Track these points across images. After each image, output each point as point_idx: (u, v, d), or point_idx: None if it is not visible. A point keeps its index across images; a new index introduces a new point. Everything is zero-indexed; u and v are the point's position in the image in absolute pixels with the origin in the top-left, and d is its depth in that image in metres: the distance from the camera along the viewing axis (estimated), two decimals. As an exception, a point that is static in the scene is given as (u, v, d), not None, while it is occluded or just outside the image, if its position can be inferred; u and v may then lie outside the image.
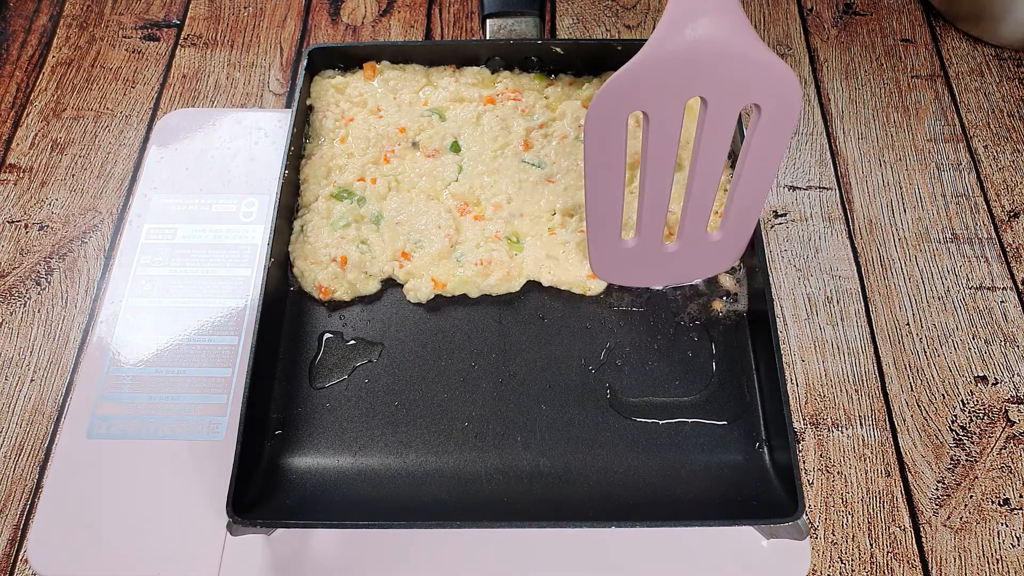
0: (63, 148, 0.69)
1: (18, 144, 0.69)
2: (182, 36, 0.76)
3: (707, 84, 0.41)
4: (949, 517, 0.53)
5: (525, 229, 0.57)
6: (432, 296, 0.55)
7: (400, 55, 0.63)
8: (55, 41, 0.75)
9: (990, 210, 0.65)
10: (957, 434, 0.56)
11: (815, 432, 0.56)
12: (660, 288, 0.55)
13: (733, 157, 0.56)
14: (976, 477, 0.54)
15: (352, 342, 0.54)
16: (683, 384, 0.52)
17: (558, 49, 0.63)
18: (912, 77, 0.73)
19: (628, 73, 0.40)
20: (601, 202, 0.48)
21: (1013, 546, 0.52)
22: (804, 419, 0.56)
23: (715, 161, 0.45)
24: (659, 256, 0.52)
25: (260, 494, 0.48)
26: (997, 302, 0.61)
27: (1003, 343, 0.59)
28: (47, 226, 0.65)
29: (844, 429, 0.56)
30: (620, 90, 0.41)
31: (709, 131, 0.43)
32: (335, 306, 0.55)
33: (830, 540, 0.52)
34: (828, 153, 0.69)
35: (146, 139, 0.69)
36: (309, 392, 0.52)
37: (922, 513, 0.53)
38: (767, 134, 0.43)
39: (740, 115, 0.45)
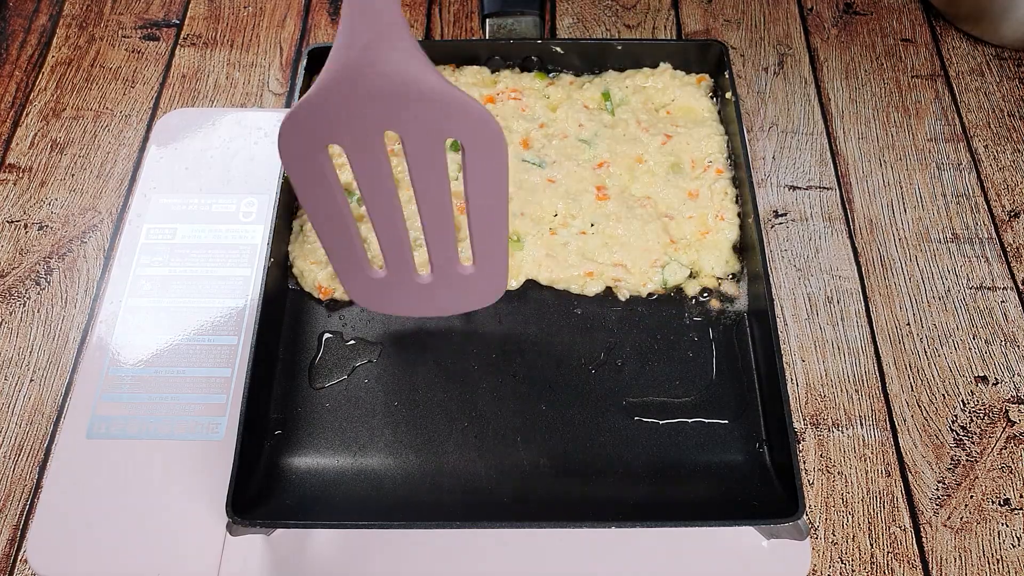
0: (63, 148, 0.69)
1: (18, 144, 0.69)
2: (182, 36, 0.76)
3: (395, 120, 0.38)
4: (949, 517, 0.53)
5: (526, 228, 0.56)
6: (432, 296, 0.55)
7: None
8: (55, 41, 0.75)
9: (990, 210, 0.65)
10: (957, 434, 0.56)
11: (815, 432, 0.56)
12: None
13: None
14: (976, 477, 0.54)
15: (352, 342, 0.54)
16: (683, 384, 0.52)
17: (558, 48, 0.63)
18: (912, 77, 0.73)
19: (302, 110, 0.38)
20: (328, 234, 0.45)
21: (1013, 546, 0.52)
22: (804, 419, 0.56)
23: (435, 194, 0.43)
24: (414, 287, 0.50)
25: (260, 494, 0.48)
26: (997, 302, 0.61)
27: (1003, 343, 0.59)
28: (47, 226, 0.64)
29: (844, 429, 0.56)
30: (300, 125, 0.39)
31: (415, 164, 0.41)
32: (335, 306, 0.55)
33: (830, 540, 0.52)
34: (828, 153, 0.69)
35: (146, 139, 0.69)
36: (309, 392, 0.52)
37: (922, 513, 0.53)
38: (479, 170, 0.41)
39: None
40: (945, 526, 0.53)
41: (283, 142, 0.39)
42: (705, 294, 0.55)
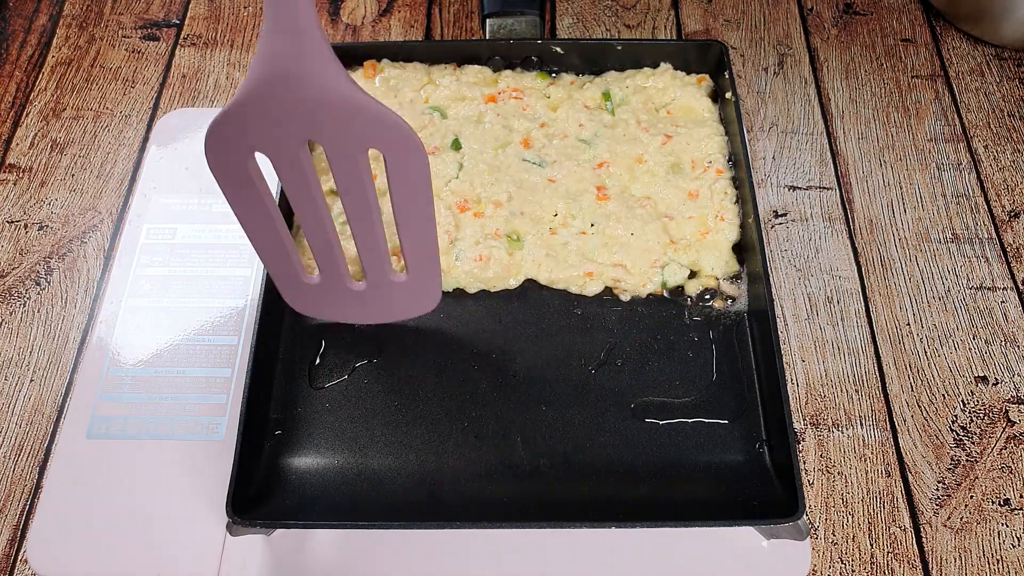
0: (63, 148, 0.69)
1: (18, 144, 0.69)
2: (182, 36, 0.76)
3: (315, 130, 0.39)
4: (949, 517, 0.53)
5: (526, 228, 0.56)
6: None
7: (401, 53, 0.63)
8: (55, 41, 0.75)
9: (990, 210, 0.65)
10: (957, 434, 0.56)
11: (815, 432, 0.56)
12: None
13: None
14: (976, 477, 0.54)
15: (352, 342, 0.54)
16: (683, 384, 0.52)
17: (558, 48, 0.63)
18: (912, 77, 0.73)
19: (222, 120, 0.38)
20: (260, 241, 0.46)
21: (1013, 546, 0.52)
22: (804, 419, 0.56)
23: (360, 202, 0.43)
24: (349, 294, 0.50)
25: (260, 494, 0.48)
26: (997, 302, 0.61)
27: (1003, 343, 0.59)
28: (47, 226, 0.64)
29: (844, 429, 0.56)
30: (222, 135, 0.39)
31: (339, 173, 0.41)
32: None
33: (830, 540, 0.52)
34: (828, 153, 0.69)
35: (146, 139, 0.69)
36: (309, 392, 0.52)
37: (922, 513, 0.53)
38: (401, 178, 0.41)
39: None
40: (945, 526, 0.53)
41: (208, 151, 0.40)
42: (705, 294, 0.55)
